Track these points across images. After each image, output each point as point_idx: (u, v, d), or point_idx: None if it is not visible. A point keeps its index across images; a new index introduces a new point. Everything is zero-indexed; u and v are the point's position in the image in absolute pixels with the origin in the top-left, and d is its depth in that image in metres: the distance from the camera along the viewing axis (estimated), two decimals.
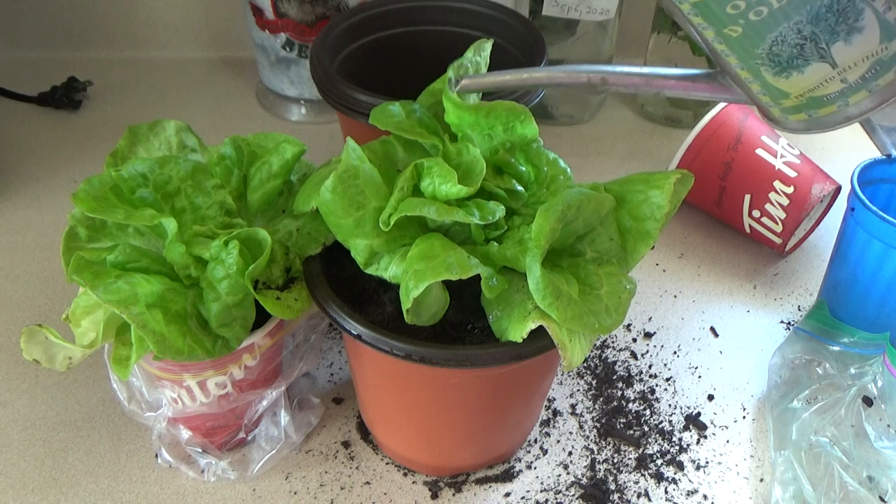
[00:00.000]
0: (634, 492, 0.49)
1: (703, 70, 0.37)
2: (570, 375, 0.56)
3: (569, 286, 0.38)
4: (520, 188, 0.43)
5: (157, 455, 0.50)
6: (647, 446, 0.52)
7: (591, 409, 0.54)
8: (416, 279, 0.37)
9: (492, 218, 0.40)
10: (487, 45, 0.45)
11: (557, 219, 0.38)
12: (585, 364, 0.58)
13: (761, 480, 0.51)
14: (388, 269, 0.40)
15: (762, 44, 0.31)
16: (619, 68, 0.39)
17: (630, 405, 0.55)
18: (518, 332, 0.38)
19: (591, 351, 0.58)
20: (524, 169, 0.43)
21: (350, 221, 0.40)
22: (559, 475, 0.50)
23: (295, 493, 0.49)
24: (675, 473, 0.51)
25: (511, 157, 0.43)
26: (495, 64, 0.48)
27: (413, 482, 0.50)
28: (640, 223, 0.41)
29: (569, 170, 0.44)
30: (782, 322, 0.61)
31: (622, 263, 0.42)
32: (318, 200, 0.39)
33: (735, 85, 0.35)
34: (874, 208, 0.53)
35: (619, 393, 0.55)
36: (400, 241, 0.41)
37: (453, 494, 0.49)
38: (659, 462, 0.51)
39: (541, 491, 0.50)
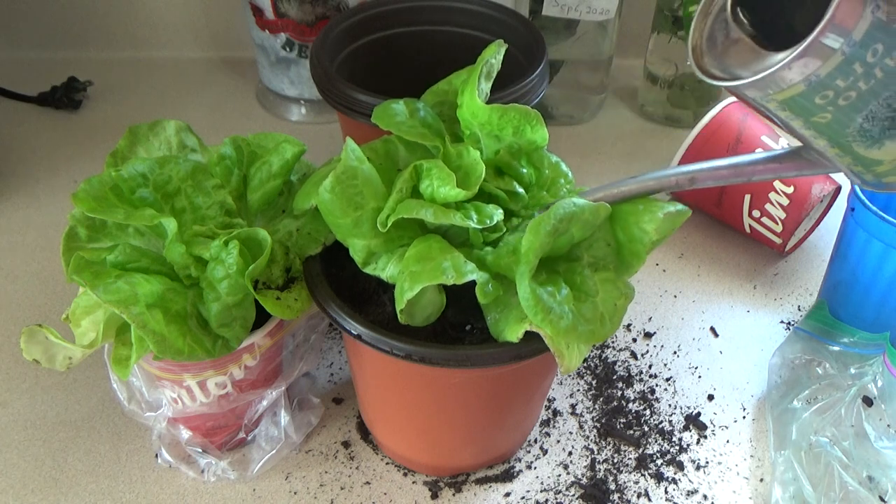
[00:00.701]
0: (634, 492, 0.49)
1: (788, 148, 0.37)
2: (570, 375, 0.56)
3: (561, 298, 0.38)
4: (520, 190, 0.43)
5: (157, 455, 0.50)
6: (647, 446, 0.52)
7: (591, 409, 0.54)
8: (412, 281, 0.37)
9: (489, 222, 0.40)
10: (503, 50, 0.45)
11: (548, 233, 0.38)
12: (585, 364, 0.58)
13: (761, 480, 0.51)
14: (386, 270, 0.40)
15: (852, 124, 0.31)
16: (705, 165, 0.39)
17: (630, 405, 0.55)
18: (514, 333, 0.38)
19: (591, 351, 0.58)
20: (525, 171, 0.43)
21: (348, 221, 0.40)
22: (559, 475, 0.50)
23: (295, 493, 0.49)
24: (675, 473, 0.51)
25: (514, 159, 0.43)
26: None
27: (413, 482, 0.50)
28: (631, 243, 0.41)
29: (570, 174, 0.44)
30: (782, 322, 0.61)
31: (619, 269, 0.42)
32: (317, 200, 0.40)
33: (823, 159, 0.36)
34: (874, 208, 0.53)
35: (619, 393, 0.55)
36: (398, 242, 0.41)
37: (453, 494, 0.49)
38: (659, 462, 0.51)
39: (541, 491, 0.50)
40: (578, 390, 0.56)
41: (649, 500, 0.49)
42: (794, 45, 0.28)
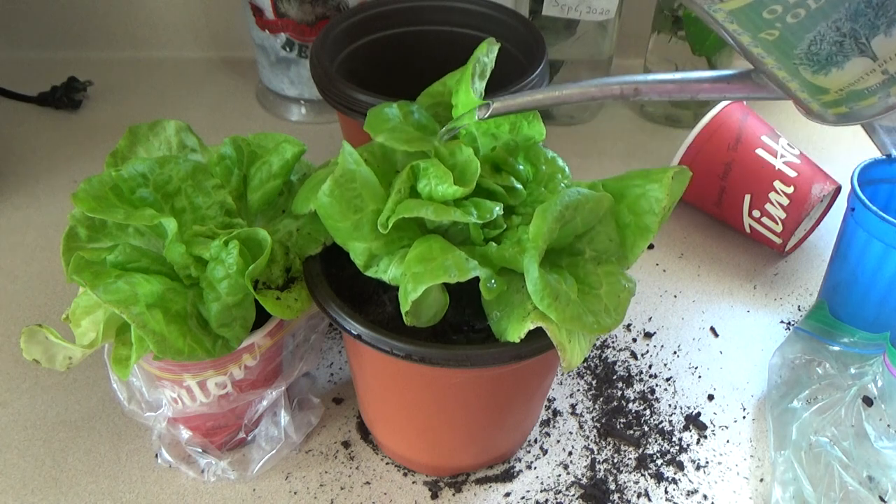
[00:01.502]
0: (634, 492, 0.49)
1: (737, 70, 0.37)
2: (570, 375, 0.56)
3: (567, 286, 0.38)
4: (518, 186, 0.43)
5: (157, 455, 0.50)
6: (647, 446, 0.52)
7: (591, 409, 0.54)
8: (415, 282, 0.37)
9: (490, 216, 0.40)
10: (495, 48, 0.45)
11: (555, 219, 0.38)
12: (585, 364, 0.58)
13: (761, 480, 0.51)
14: (388, 272, 0.40)
15: (800, 44, 0.30)
16: (650, 77, 0.38)
17: (630, 405, 0.55)
18: (516, 332, 0.38)
19: (591, 351, 0.58)
20: (522, 167, 0.43)
21: (348, 225, 0.40)
22: (559, 475, 0.50)
23: (295, 493, 0.49)
24: (675, 473, 0.51)
25: (511, 156, 0.43)
26: (495, 63, 0.48)
27: (413, 482, 0.50)
28: (639, 217, 0.41)
29: (567, 168, 0.44)
30: (782, 322, 0.61)
31: (621, 262, 0.42)
32: (316, 204, 0.40)
33: (771, 83, 0.35)
34: (874, 208, 0.53)
35: (619, 393, 0.55)
36: (399, 244, 0.41)
37: (453, 494, 0.49)
38: (659, 462, 0.51)
39: (541, 491, 0.50)
40: (578, 390, 0.56)
41: (649, 500, 0.49)
42: None
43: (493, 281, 0.39)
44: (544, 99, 0.39)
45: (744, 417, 0.54)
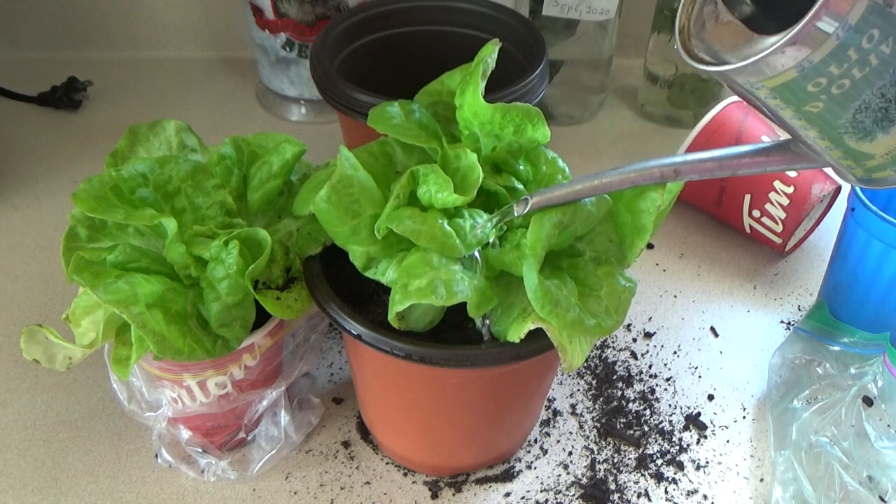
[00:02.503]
0: (634, 492, 0.49)
1: (775, 141, 0.36)
2: (570, 375, 0.56)
3: (568, 291, 0.38)
4: (519, 186, 0.43)
5: (157, 455, 0.50)
6: (647, 446, 0.52)
7: (591, 409, 0.54)
8: (402, 296, 0.37)
9: (482, 233, 0.40)
10: (496, 50, 0.45)
11: (553, 226, 0.38)
12: (585, 364, 0.58)
13: (761, 480, 0.51)
14: (386, 274, 0.40)
15: (845, 115, 0.30)
16: (689, 157, 0.38)
17: (630, 405, 0.55)
18: (517, 332, 0.38)
19: (591, 351, 0.58)
20: (523, 167, 0.43)
21: (346, 229, 0.40)
22: (559, 475, 0.50)
23: (295, 493, 0.49)
24: (675, 473, 0.51)
25: (512, 157, 0.43)
26: (495, 63, 0.48)
27: (413, 482, 0.50)
28: (637, 217, 0.41)
29: (567, 169, 0.44)
30: (782, 322, 0.61)
31: (621, 263, 0.42)
32: (314, 209, 0.40)
33: (811, 152, 0.35)
34: (874, 208, 0.53)
35: (619, 393, 0.55)
36: (397, 247, 0.41)
37: (453, 494, 0.49)
38: (659, 462, 0.51)
39: (541, 491, 0.50)
40: (578, 390, 0.56)
41: (649, 500, 0.49)
42: (787, 29, 0.27)
43: (479, 303, 0.38)
44: (583, 190, 0.39)
45: (744, 417, 0.54)
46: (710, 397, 0.56)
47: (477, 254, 0.40)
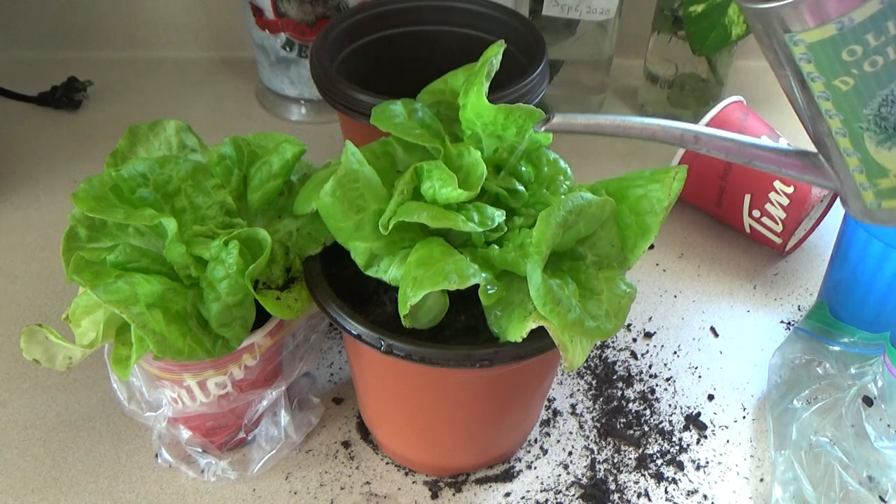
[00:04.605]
0: (634, 492, 0.49)
1: (799, 148, 0.37)
2: (570, 375, 0.56)
3: (569, 291, 0.38)
4: (520, 187, 0.43)
5: (157, 455, 0.50)
6: (647, 446, 0.52)
7: (591, 409, 0.54)
8: (415, 287, 0.37)
9: (491, 223, 0.40)
10: (501, 51, 0.45)
11: (558, 224, 0.38)
12: (585, 364, 0.58)
13: (761, 480, 0.51)
14: (389, 272, 0.40)
15: (872, 102, 0.30)
16: (714, 131, 0.38)
17: (630, 405, 0.55)
18: (518, 332, 0.38)
19: (591, 351, 0.58)
20: (524, 168, 0.43)
21: (350, 225, 0.40)
22: (559, 475, 0.50)
23: (295, 493, 0.49)
24: (675, 473, 0.51)
25: (514, 158, 0.43)
26: None
27: (413, 482, 0.50)
28: (641, 218, 0.41)
29: (569, 170, 0.45)
30: (782, 322, 0.61)
31: (622, 266, 0.42)
32: (318, 204, 0.40)
33: (828, 165, 0.35)
34: None
35: (619, 393, 0.56)
36: (400, 244, 0.41)
37: (453, 494, 0.49)
38: (659, 462, 0.51)
39: (541, 491, 0.50)
40: (578, 390, 0.56)
41: (649, 500, 0.49)
42: None
43: (491, 287, 0.39)
44: (606, 124, 0.39)
45: (744, 417, 0.54)
46: (710, 397, 0.56)
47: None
